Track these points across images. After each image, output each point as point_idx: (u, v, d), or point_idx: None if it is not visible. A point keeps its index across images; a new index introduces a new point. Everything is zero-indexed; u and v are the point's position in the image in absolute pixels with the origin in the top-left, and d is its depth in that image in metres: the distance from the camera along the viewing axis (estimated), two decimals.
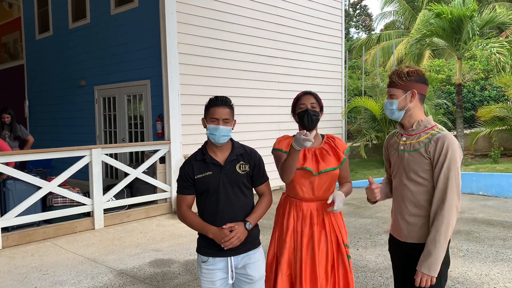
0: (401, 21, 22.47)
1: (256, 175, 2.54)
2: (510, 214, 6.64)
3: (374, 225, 6.05)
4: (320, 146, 2.70)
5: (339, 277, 2.60)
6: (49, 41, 10.68)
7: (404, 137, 2.36)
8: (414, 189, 2.29)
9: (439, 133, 2.24)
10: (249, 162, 2.52)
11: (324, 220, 2.62)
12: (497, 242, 5.25)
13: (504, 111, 9.82)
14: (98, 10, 9.05)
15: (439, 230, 2.15)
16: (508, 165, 8.75)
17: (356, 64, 19.51)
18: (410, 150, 2.30)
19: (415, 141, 2.29)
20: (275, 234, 2.76)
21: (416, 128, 2.32)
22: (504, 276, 4.20)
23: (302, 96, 2.70)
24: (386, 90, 2.41)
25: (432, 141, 2.22)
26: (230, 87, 8.30)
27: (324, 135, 2.79)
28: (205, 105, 2.49)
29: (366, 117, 11.11)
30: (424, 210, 2.27)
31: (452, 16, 9.82)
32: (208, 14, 8.07)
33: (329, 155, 2.65)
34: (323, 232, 2.61)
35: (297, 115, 2.67)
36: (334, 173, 2.64)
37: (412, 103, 2.30)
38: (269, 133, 9.04)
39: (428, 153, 2.22)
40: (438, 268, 2.16)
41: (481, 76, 13.11)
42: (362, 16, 35.14)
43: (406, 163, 2.30)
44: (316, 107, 2.65)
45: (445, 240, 2.16)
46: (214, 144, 2.46)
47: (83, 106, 9.71)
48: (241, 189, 2.48)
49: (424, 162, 2.24)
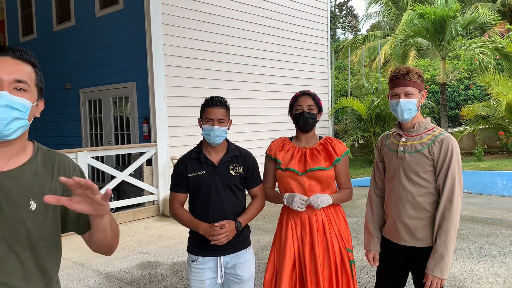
0: (387, 22, 22.70)
1: (250, 178, 2.54)
2: (494, 211, 6.76)
3: (360, 224, 6.10)
4: (312, 146, 2.59)
5: (342, 285, 2.48)
6: (34, 44, 10.57)
7: (403, 137, 2.32)
8: (414, 190, 2.24)
9: (442, 135, 2.23)
10: (243, 164, 2.51)
11: (325, 226, 2.50)
12: (481, 239, 5.33)
13: (487, 110, 9.98)
14: (82, 12, 8.99)
15: (449, 232, 2.13)
16: (491, 163, 8.89)
17: (342, 65, 19.64)
18: (411, 151, 2.26)
19: (417, 142, 2.26)
20: (274, 249, 2.64)
21: (417, 129, 2.29)
22: (487, 271, 4.28)
23: (299, 97, 2.59)
24: (395, 90, 2.27)
25: (436, 143, 2.20)
26: (216, 89, 8.31)
27: (322, 137, 2.67)
28: (201, 105, 2.50)
29: (352, 117, 11.22)
30: (424, 213, 2.24)
31: (435, 17, 9.96)
32: (194, 16, 8.07)
33: (319, 155, 2.53)
34: (324, 239, 2.49)
35: (293, 116, 2.60)
36: (325, 174, 2.49)
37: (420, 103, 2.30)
38: (256, 134, 9.07)
39: (432, 154, 2.20)
40: (448, 270, 2.15)
41: (465, 76, 13.32)
42: (348, 17, 35.39)
43: (407, 164, 2.26)
44: (314, 109, 2.55)
45: (454, 242, 2.16)
46: (209, 144, 2.47)
47: (69, 109, 9.64)
48: (233, 190, 2.48)
49: (427, 163, 2.21)
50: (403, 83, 2.24)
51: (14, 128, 1.27)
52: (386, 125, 10.46)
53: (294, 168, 2.51)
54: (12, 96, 1.26)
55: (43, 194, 1.31)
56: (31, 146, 1.43)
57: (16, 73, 1.29)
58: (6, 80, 1.27)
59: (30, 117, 1.33)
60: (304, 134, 2.62)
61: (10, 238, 1.27)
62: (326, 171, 2.49)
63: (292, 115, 2.63)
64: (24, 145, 1.38)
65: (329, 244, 2.48)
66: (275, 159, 2.60)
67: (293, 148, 2.60)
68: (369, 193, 2.58)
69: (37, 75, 1.38)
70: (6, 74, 1.28)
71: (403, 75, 2.24)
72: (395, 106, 2.27)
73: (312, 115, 2.54)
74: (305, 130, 2.57)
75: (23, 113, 1.28)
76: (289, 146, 2.62)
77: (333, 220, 2.53)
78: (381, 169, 2.51)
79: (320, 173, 2.48)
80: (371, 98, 10.79)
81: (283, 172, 2.54)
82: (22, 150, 1.37)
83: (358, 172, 10.10)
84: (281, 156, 2.59)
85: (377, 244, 2.47)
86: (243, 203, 2.56)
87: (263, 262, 4.69)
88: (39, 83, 1.39)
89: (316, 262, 2.45)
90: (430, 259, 2.18)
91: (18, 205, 1.29)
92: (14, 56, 1.32)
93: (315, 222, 2.49)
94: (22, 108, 1.28)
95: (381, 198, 2.50)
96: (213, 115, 2.41)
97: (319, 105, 2.60)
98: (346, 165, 2.60)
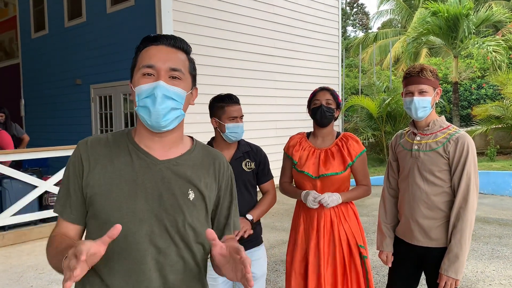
0: (398, 20, 22.52)
1: (261, 173, 2.55)
2: (506, 212, 6.67)
3: (370, 223, 6.06)
4: (328, 147, 2.58)
5: (351, 281, 2.50)
6: (45, 40, 10.64)
7: (418, 136, 2.28)
8: (428, 190, 2.21)
9: (457, 133, 2.19)
10: (254, 159, 2.52)
11: (333, 224, 2.52)
12: (493, 240, 5.26)
13: (500, 109, 9.85)
14: (94, 9, 9.02)
15: (464, 232, 2.10)
16: (504, 163, 8.78)
17: (353, 63, 19.53)
18: (426, 150, 2.22)
19: (432, 140, 2.22)
20: (293, 234, 2.74)
21: (432, 128, 2.26)
22: (499, 273, 4.22)
23: (318, 92, 2.61)
24: (409, 88, 2.24)
25: (451, 141, 2.17)
26: (226, 86, 8.28)
27: (340, 133, 2.66)
28: (215, 105, 2.48)
29: (363, 116, 11.15)
30: (439, 213, 2.20)
31: (449, 15, 9.85)
32: (205, 13, 8.06)
33: (333, 159, 2.52)
34: (330, 236, 2.52)
35: (311, 111, 2.60)
36: (338, 177, 2.51)
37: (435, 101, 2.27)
38: (265, 131, 9.03)
39: (447, 153, 2.16)
40: (463, 271, 2.11)
41: (477, 75, 13.16)
42: (359, 14, 35.17)
43: (421, 163, 2.22)
44: (332, 104, 2.54)
45: (469, 242, 2.12)
46: (231, 142, 2.47)
47: (79, 105, 9.68)
48: (246, 186, 2.48)
49: (442, 162, 2.18)
50: (417, 80, 2.21)
51: (171, 119, 1.26)
52: (397, 123, 10.38)
53: (308, 172, 2.53)
54: (169, 86, 1.24)
55: (200, 186, 1.32)
56: (189, 139, 1.42)
57: (171, 61, 1.27)
58: (163, 69, 1.25)
59: (185, 106, 1.32)
60: (321, 129, 2.60)
61: (171, 227, 1.26)
62: (339, 175, 2.51)
63: (310, 110, 2.63)
64: (182, 136, 1.38)
65: (336, 241, 2.51)
66: (290, 157, 2.65)
67: (309, 148, 2.61)
68: (382, 193, 2.55)
69: (191, 62, 1.37)
70: (161, 63, 1.25)
71: (417, 73, 2.21)
72: (409, 104, 2.23)
73: (330, 109, 2.53)
74: (322, 124, 2.56)
75: (178, 103, 1.27)
76: (306, 145, 2.63)
77: (343, 217, 2.55)
78: (395, 168, 2.48)
79: (333, 177, 2.51)
80: (382, 96, 10.71)
81: (298, 173, 2.58)
82: (180, 140, 1.36)
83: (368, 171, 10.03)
84: (297, 156, 2.60)
85: (390, 244, 2.44)
86: (255, 200, 2.55)
87: (273, 260, 4.67)
88: (192, 70, 1.37)
89: (320, 258, 2.48)
90: (444, 259, 2.15)
91: (178, 193, 1.28)
92: (168, 44, 1.30)
93: (323, 219, 2.52)
94: (178, 97, 1.26)
95: (395, 198, 2.47)
96: (236, 112, 2.44)
97: (337, 101, 2.60)
98: (363, 163, 2.60)
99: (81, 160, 1.29)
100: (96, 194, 1.25)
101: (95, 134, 1.43)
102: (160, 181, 1.26)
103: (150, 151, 1.30)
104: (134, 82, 1.29)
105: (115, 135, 1.35)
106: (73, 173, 1.30)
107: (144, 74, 1.26)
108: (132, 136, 1.33)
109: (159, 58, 1.26)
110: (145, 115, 1.24)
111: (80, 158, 1.30)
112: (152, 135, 1.30)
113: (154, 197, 1.25)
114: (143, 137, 1.31)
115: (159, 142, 1.31)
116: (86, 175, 1.27)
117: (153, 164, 1.28)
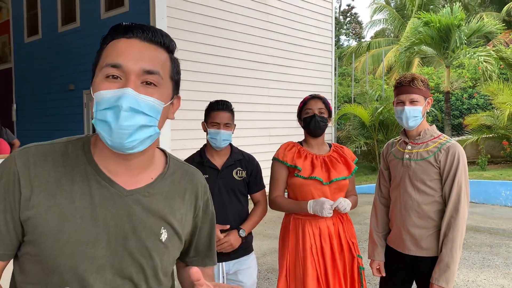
0: (391, 29, 22.71)
1: (253, 182, 2.52)
2: (497, 221, 6.70)
3: (363, 232, 6.06)
4: (328, 153, 2.50)
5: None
6: (38, 45, 10.60)
7: (409, 145, 2.29)
8: (419, 199, 2.21)
9: (448, 142, 2.20)
10: (246, 168, 2.50)
11: (340, 233, 2.43)
12: (484, 249, 5.28)
13: (491, 119, 9.95)
14: (88, 14, 9.01)
15: (455, 241, 2.10)
16: (495, 173, 8.84)
17: (346, 71, 19.63)
18: (417, 159, 2.23)
19: (423, 149, 2.23)
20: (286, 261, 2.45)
21: (423, 137, 2.26)
22: (490, 282, 4.23)
23: (309, 100, 2.50)
24: (400, 97, 2.24)
25: (443, 150, 2.17)
26: (220, 92, 8.28)
27: (331, 144, 2.60)
28: (205, 109, 2.49)
29: (355, 124, 11.20)
30: (430, 222, 2.20)
31: (441, 25, 9.96)
32: (199, 20, 8.08)
33: (339, 163, 2.45)
34: (340, 248, 2.42)
35: (303, 120, 2.49)
36: (345, 183, 2.44)
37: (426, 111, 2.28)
38: (259, 138, 9.04)
39: (438, 162, 2.17)
40: (454, 280, 2.11)
41: (469, 84, 13.29)
42: (352, 24, 35.44)
43: (412, 172, 2.23)
44: (324, 113, 2.46)
45: (460, 251, 2.12)
46: (214, 148, 2.44)
47: (72, 110, 9.63)
48: (236, 195, 2.46)
49: (433, 171, 2.18)
50: (408, 90, 2.21)
51: (140, 139, 0.93)
52: (389, 132, 10.43)
53: (319, 177, 2.38)
54: (140, 96, 0.91)
55: (175, 223, 1.06)
56: (162, 156, 1.13)
57: (145, 61, 0.94)
58: (134, 71, 0.92)
59: (161, 122, 0.99)
60: (315, 139, 2.50)
61: (137, 275, 1.01)
62: (346, 180, 2.46)
63: (301, 119, 2.51)
64: (153, 155, 1.08)
65: (345, 252, 2.43)
66: (293, 165, 2.42)
67: (310, 155, 2.46)
68: (374, 201, 2.55)
69: (173, 64, 1.02)
70: (132, 62, 0.92)
71: (408, 82, 2.22)
72: (400, 113, 2.24)
73: (324, 118, 2.45)
74: (316, 135, 2.47)
75: (152, 119, 0.94)
76: (305, 153, 2.48)
77: (345, 226, 2.48)
78: (386, 177, 2.47)
79: (343, 182, 2.44)
80: (375, 105, 10.77)
81: (305, 180, 2.38)
82: (151, 162, 1.07)
83: (360, 179, 10.06)
84: (301, 163, 2.42)
85: (382, 253, 2.43)
86: (246, 209, 2.54)
87: (264, 268, 4.65)
88: (175, 75, 1.03)
89: (339, 274, 2.37)
90: (435, 268, 2.15)
91: (147, 235, 1.01)
92: (144, 38, 0.96)
93: (334, 230, 2.41)
94: (152, 111, 0.94)
95: (386, 207, 2.47)
96: (219, 119, 2.40)
97: (329, 109, 2.52)
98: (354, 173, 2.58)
99: (19, 183, 0.95)
100: (41, 234, 0.93)
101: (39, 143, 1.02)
102: (126, 219, 0.98)
103: (114, 177, 1.00)
104: (94, 86, 0.95)
105: (68, 146, 1.03)
106: (3, 199, 0.94)
107: (108, 76, 0.93)
108: (92, 153, 1.01)
109: (129, 55, 0.93)
110: (104, 132, 0.91)
111: (17, 179, 0.95)
112: (116, 157, 0.99)
113: (118, 240, 0.98)
114: (105, 158, 1.00)
115: (125, 166, 1.01)
116: (25, 204, 0.94)
117: (118, 196, 0.99)
